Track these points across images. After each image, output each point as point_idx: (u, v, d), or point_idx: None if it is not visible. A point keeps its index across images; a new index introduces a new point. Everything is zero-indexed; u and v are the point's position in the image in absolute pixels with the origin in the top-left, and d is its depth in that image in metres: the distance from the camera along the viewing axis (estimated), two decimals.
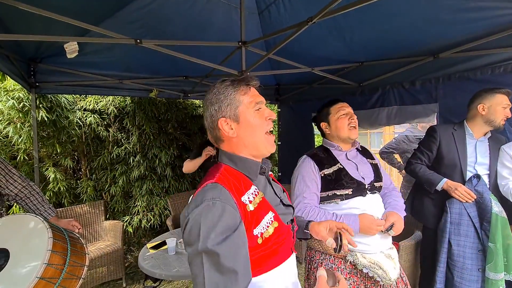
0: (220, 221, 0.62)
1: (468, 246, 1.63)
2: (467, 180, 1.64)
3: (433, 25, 1.69)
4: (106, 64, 2.48)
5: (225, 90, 0.76)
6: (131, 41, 1.50)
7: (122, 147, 3.20)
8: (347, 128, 1.33)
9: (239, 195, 0.70)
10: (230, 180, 0.72)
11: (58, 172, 2.75)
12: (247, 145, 0.77)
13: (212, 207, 0.63)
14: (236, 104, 0.76)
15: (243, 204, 0.69)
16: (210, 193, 0.66)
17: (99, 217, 2.94)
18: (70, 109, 2.89)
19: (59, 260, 1.24)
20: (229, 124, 0.76)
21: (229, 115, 0.76)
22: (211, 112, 0.77)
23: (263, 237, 0.70)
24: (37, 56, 2.27)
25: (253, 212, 0.70)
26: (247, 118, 0.76)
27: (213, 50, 2.14)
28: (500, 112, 1.58)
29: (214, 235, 0.60)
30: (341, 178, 1.27)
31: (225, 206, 0.64)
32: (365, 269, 1.18)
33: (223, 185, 0.69)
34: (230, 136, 0.76)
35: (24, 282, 1.10)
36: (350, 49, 2.20)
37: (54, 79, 2.48)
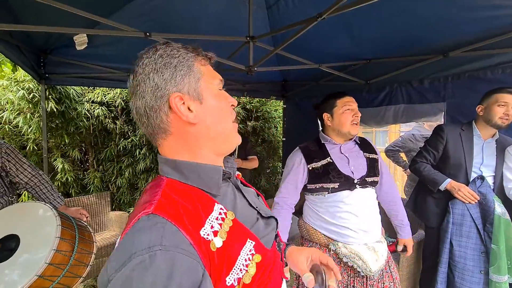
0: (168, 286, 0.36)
1: (470, 247, 1.63)
2: (471, 181, 1.64)
3: (444, 23, 1.66)
4: (115, 57, 2.51)
5: (179, 54, 0.52)
6: (141, 34, 1.52)
7: (129, 139, 3.24)
8: (350, 124, 1.32)
9: (197, 228, 0.44)
10: (178, 205, 0.45)
11: (66, 163, 2.81)
12: (214, 136, 0.54)
13: (150, 264, 0.37)
14: (197, 75, 0.52)
15: (205, 241, 0.44)
16: (144, 237, 0.39)
17: (105, 208, 2.99)
18: (79, 100, 2.93)
19: (68, 247, 1.28)
20: (187, 104, 0.51)
21: (187, 89, 0.51)
22: (157, 83, 0.50)
23: (242, 284, 0.47)
24: (47, 47, 2.30)
25: (222, 249, 0.45)
26: (213, 98, 0.54)
27: (219, 44, 2.14)
28: (495, 111, 1.57)
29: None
30: (328, 172, 1.29)
31: (174, 257, 0.38)
32: (345, 258, 1.23)
33: (167, 216, 0.42)
34: (188, 121, 0.51)
35: (34, 267, 1.13)
36: (358, 46, 2.18)
37: (63, 71, 2.52)
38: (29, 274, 1.11)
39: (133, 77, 0.53)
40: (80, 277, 1.36)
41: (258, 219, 0.58)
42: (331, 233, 1.30)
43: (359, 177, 1.29)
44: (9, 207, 1.36)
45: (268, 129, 4.43)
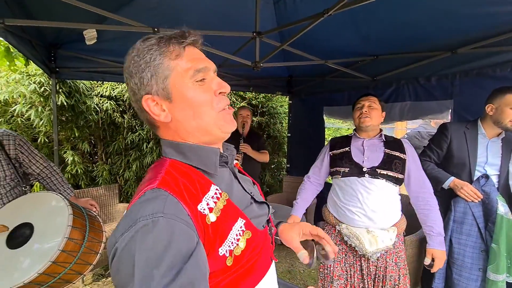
0: (167, 249, 0.41)
1: (469, 245, 1.63)
2: (475, 179, 1.63)
3: (453, 19, 1.64)
4: (123, 51, 2.46)
5: (147, 53, 0.52)
6: (149, 29, 1.54)
7: (136, 133, 3.30)
8: (357, 119, 1.54)
9: (194, 203, 0.49)
10: (179, 182, 0.50)
11: (76, 155, 2.88)
12: (191, 131, 0.55)
13: (152, 228, 0.41)
14: (164, 73, 0.52)
15: (201, 215, 0.48)
16: (148, 206, 0.44)
17: (113, 200, 3.07)
18: (88, 94, 2.99)
19: (79, 235, 1.33)
20: (159, 104, 0.53)
21: (155, 90, 0.53)
22: (132, 88, 0.54)
23: (233, 255, 0.51)
24: (57, 42, 2.35)
25: (215, 224, 0.50)
26: (184, 93, 0.53)
27: (226, 39, 2.15)
28: (507, 114, 1.53)
29: (158, 272, 0.39)
30: (343, 158, 1.53)
31: (173, 224, 0.43)
32: (345, 237, 1.42)
33: (169, 190, 0.47)
34: (161, 120, 0.54)
35: (47, 254, 1.19)
36: (366, 42, 2.16)
37: (73, 65, 2.56)
38: (43, 261, 1.16)
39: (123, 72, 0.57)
40: (90, 264, 1.42)
41: (252, 203, 0.62)
42: (339, 215, 1.49)
43: (369, 167, 1.43)
44: (23, 197, 1.42)
45: (274, 125, 4.44)
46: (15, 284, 1.11)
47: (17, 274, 1.14)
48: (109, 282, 2.57)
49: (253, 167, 2.71)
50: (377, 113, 1.51)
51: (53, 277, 1.24)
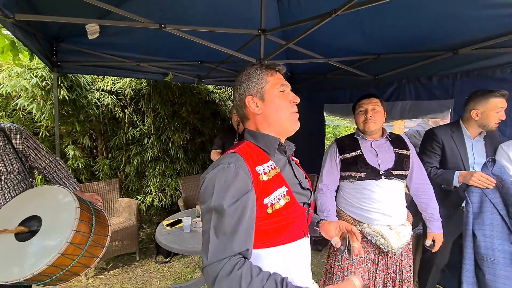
0: (232, 183, 0.68)
1: (495, 236, 1.47)
2: (483, 165, 1.59)
3: (455, 20, 1.66)
4: (125, 46, 2.53)
5: (254, 71, 0.84)
6: (156, 25, 1.55)
7: (137, 128, 3.29)
8: (361, 123, 1.53)
9: (254, 165, 0.75)
10: (248, 152, 0.78)
11: (77, 150, 2.88)
12: (271, 122, 0.83)
13: (226, 169, 0.70)
14: (262, 83, 0.82)
15: (257, 173, 0.74)
16: (227, 159, 0.74)
17: (114, 195, 3.08)
18: (89, 89, 2.98)
19: (86, 229, 1.35)
20: (255, 102, 0.82)
21: (255, 93, 0.82)
22: (240, 91, 0.85)
23: (274, 208, 0.73)
24: (59, 36, 2.33)
25: (266, 182, 0.74)
26: (272, 97, 0.82)
27: (229, 36, 2.15)
28: (493, 117, 1.59)
29: (224, 194, 0.67)
30: (356, 162, 1.49)
31: (238, 170, 0.70)
32: (369, 236, 1.43)
33: (241, 154, 0.76)
34: (255, 112, 0.83)
35: (56, 246, 1.21)
36: (368, 41, 2.18)
37: (75, 59, 2.55)
38: (52, 253, 1.18)
39: (235, 83, 0.89)
40: (97, 257, 1.44)
41: (297, 185, 0.84)
42: (357, 215, 1.50)
43: (385, 169, 1.45)
44: (30, 190, 1.43)
45: None
46: (25, 276, 1.13)
47: (26, 265, 1.15)
48: (111, 275, 2.60)
49: None
50: (380, 116, 1.52)
51: (61, 269, 1.25)
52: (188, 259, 2.88)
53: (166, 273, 2.64)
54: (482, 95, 1.62)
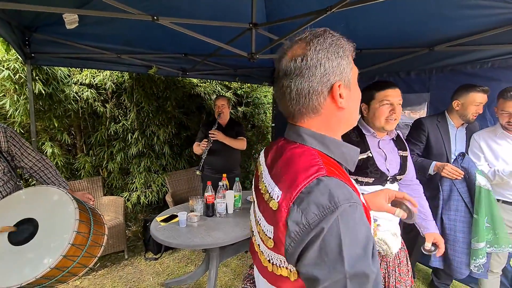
0: (366, 233, 0.47)
1: (458, 220, 1.76)
2: (454, 159, 1.83)
3: (433, 19, 1.79)
4: (105, 37, 2.41)
5: (344, 45, 0.57)
6: (148, 17, 1.50)
7: (120, 123, 3.16)
8: (384, 119, 1.23)
9: (358, 194, 0.52)
10: (340, 173, 0.53)
11: (55, 147, 2.72)
12: (351, 121, 0.62)
13: (353, 213, 0.46)
14: (350, 66, 0.58)
15: (366, 208, 0.54)
16: (340, 192, 0.47)
17: (97, 193, 2.97)
18: (66, 82, 2.80)
19: (85, 229, 1.32)
20: (340, 91, 0.57)
21: (345, 78, 0.57)
22: (327, 70, 0.55)
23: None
24: (32, 25, 2.16)
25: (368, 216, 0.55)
26: (356, 88, 0.61)
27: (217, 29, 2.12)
28: (471, 109, 1.76)
29: (363, 252, 0.45)
30: (367, 167, 1.25)
31: (363, 211, 0.48)
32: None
33: (342, 180, 0.50)
34: (339, 106, 0.57)
35: (57, 248, 1.17)
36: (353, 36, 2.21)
37: (50, 50, 2.38)
38: (54, 255, 1.15)
39: (301, 59, 0.56)
40: (95, 257, 1.41)
41: None
42: None
43: (392, 174, 1.28)
44: (20, 192, 1.36)
45: (258, 115, 4.50)
46: (27, 280, 1.10)
47: (27, 269, 1.12)
48: (100, 275, 2.53)
49: (232, 154, 2.70)
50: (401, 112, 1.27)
51: (62, 271, 1.23)
52: (179, 254, 2.88)
53: (157, 269, 2.62)
54: (465, 88, 1.80)
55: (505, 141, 1.71)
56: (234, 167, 2.77)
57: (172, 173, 3.32)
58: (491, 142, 1.76)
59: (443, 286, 2.20)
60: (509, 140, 1.70)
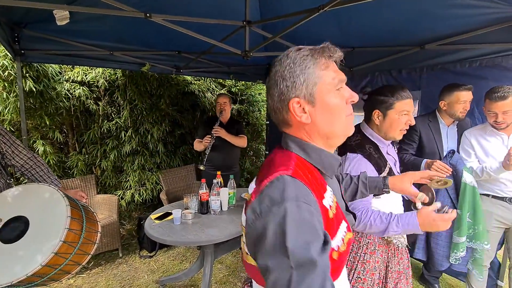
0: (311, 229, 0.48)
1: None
2: (444, 156, 1.88)
3: (425, 18, 1.81)
4: (97, 34, 2.38)
5: (302, 61, 0.59)
6: (140, 14, 1.49)
7: (113, 121, 3.14)
8: (399, 131, 1.17)
9: (320, 197, 0.56)
10: (307, 177, 0.56)
11: (47, 145, 2.68)
12: (322, 134, 0.62)
13: (298, 209, 0.48)
14: (314, 80, 0.59)
15: (325, 209, 0.56)
16: (291, 190, 0.50)
17: (90, 191, 2.94)
18: (57, 80, 2.76)
19: (77, 226, 1.32)
20: (302, 106, 0.60)
21: (304, 94, 0.59)
22: (281, 90, 0.60)
23: (339, 252, 0.57)
24: (22, 21, 2.12)
25: (332, 220, 0.56)
26: (326, 100, 0.60)
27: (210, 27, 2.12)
28: (457, 107, 1.82)
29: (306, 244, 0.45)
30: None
31: (312, 211, 0.50)
32: (394, 240, 1.20)
33: (302, 181, 0.53)
34: (302, 121, 0.60)
35: (49, 246, 1.17)
36: (345, 34, 2.29)
37: (40, 47, 2.34)
38: (46, 253, 1.15)
39: (268, 80, 0.64)
40: (88, 254, 1.41)
41: (345, 211, 0.70)
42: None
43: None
44: (11, 190, 1.35)
45: (252, 112, 4.51)
46: (18, 278, 1.09)
47: (18, 267, 1.11)
48: (94, 274, 2.52)
49: (232, 152, 2.75)
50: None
51: (54, 269, 1.22)
52: (174, 252, 2.88)
53: (152, 267, 2.63)
54: (448, 89, 1.86)
55: (495, 138, 1.76)
56: (234, 164, 2.82)
57: (166, 171, 3.31)
58: (481, 140, 1.80)
59: (432, 279, 2.26)
60: (498, 138, 1.75)
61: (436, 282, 2.27)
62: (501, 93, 1.60)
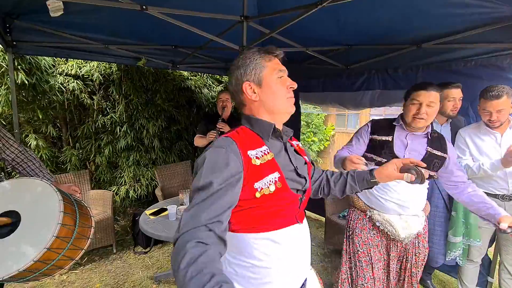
0: (221, 166, 0.68)
1: (437, 215, 1.92)
2: None
3: (421, 16, 1.81)
4: (91, 27, 2.33)
5: (252, 56, 0.81)
6: (136, 6, 1.47)
7: (108, 116, 3.10)
8: (411, 116, 1.36)
9: (246, 149, 0.75)
10: (241, 136, 0.79)
11: (40, 139, 2.64)
12: (267, 108, 0.82)
13: (217, 152, 0.71)
14: (260, 69, 0.81)
15: (248, 157, 0.74)
16: (219, 143, 0.75)
17: (84, 187, 2.91)
18: (51, 73, 2.71)
19: (70, 221, 1.30)
20: (252, 88, 0.81)
21: (253, 79, 0.81)
22: (237, 76, 0.82)
23: (262, 193, 0.73)
24: (13, 12, 2.07)
25: (258, 167, 0.74)
26: (269, 83, 0.81)
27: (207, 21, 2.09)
28: (448, 105, 1.87)
29: (213, 176, 0.67)
30: (383, 147, 1.43)
31: (229, 153, 0.71)
32: (377, 223, 1.44)
33: (233, 138, 0.77)
34: (252, 99, 0.81)
35: (41, 241, 1.15)
36: (342, 32, 2.28)
37: (33, 39, 2.30)
38: (38, 248, 1.13)
39: (229, 71, 0.86)
40: (82, 249, 1.39)
41: (293, 171, 0.83)
42: (369, 201, 1.48)
43: None
44: (2, 183, 1.32)
45: None
46: (9, 273, 1.07)
47: (10, 262, 1.09)
48: (87, 270, 2.50)
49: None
50: (434, 112, 1.34)
51: (46, 264, 1.21)
52: (169, 248, 2.88)
53: (147, 263, 2.61)
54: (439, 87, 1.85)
55: (489, 137, 1.78)
56: None
57: (162, 167, 3.28)
58: (476, 138, 1.82)
59: (425, 275, 2.29)
60: (492, 136, 1.77)
61: (428, 278, 2.30)
62: (495, 92, 1.62)
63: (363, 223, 1.51)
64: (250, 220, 0.75)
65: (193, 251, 0.55)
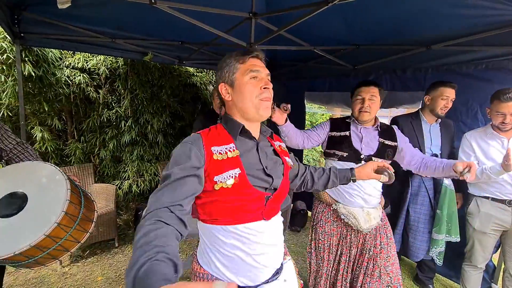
0: (184, 158, 0.77)
1: (422, 213, 2.01)
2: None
3: (431, 17, 1.78)
4: (100, 20, 2.33)
5: (228, 58, 0.88)
6: (145, 1, 1.46)
7: (113, 110, 3.10)
8: (357, 111, 1.57)
9: (211, 145, 0.82)
10: (212, 133, 0.87)
11: (45, 131, 2.65)
12: (238, 109, 0.88)
13: (183, 147, 0.80)
14: (233, 70, 0.86)
15: (211, 152, 0.81)
16: (188, 138, 0.84)
17: (88, 180, 2.92)
18: (58, 65, 2.72)
19: (74, 211, 1.30)
20: (226, 89, 0.88)
21: (227, 80, 0.87)
22: (216, 78, 0.93)
23: (220, 186, 0.79)
24: (22, 3, 2.07)
25: (219, 161, 0.80)
26: (239, 84, 0.85)
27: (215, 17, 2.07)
28: (439, 103, 1.91)
29: (175, 166, 0.76)
30: (342, 142, 1.60)
31: (192, 148, 0.79)
32: (342, 215, 1.58)
33: (201, 134, 0.85)
34: (226, 99, 0.89)
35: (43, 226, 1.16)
36: (350, 31, 2.25)
37: (41, 31, 2.30)
38: (38, 232, 1.13)
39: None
40: (87, 232, 1.41)
41: (260, 171, 0.87)
42: (335, 195, 1.62)
43: (366, 154, 1.54)
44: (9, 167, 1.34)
45: None
46: (20, 248, 1.08)
47: (21, 238, 1.10)
48: (89, 263, 2.51)
49: None
50: (376, 105, 1.55)
51: (55, 242, 1.21)
52: None
53: None
54: (434, 84, 1.96)
55: (495, 141, 1.75)
56: None
57: (165, 162, 3.29)
58: (482, 142, 1.80)
59: (426, 279, 2.28)
60: (499, 141, 1.74)
61: (430, 283, 2.28)
62: (511, 94, 1.61)
63: (327, 216, 1.68)
64: (213, 212, 0.82)
65: (149, 227, 0.62)
